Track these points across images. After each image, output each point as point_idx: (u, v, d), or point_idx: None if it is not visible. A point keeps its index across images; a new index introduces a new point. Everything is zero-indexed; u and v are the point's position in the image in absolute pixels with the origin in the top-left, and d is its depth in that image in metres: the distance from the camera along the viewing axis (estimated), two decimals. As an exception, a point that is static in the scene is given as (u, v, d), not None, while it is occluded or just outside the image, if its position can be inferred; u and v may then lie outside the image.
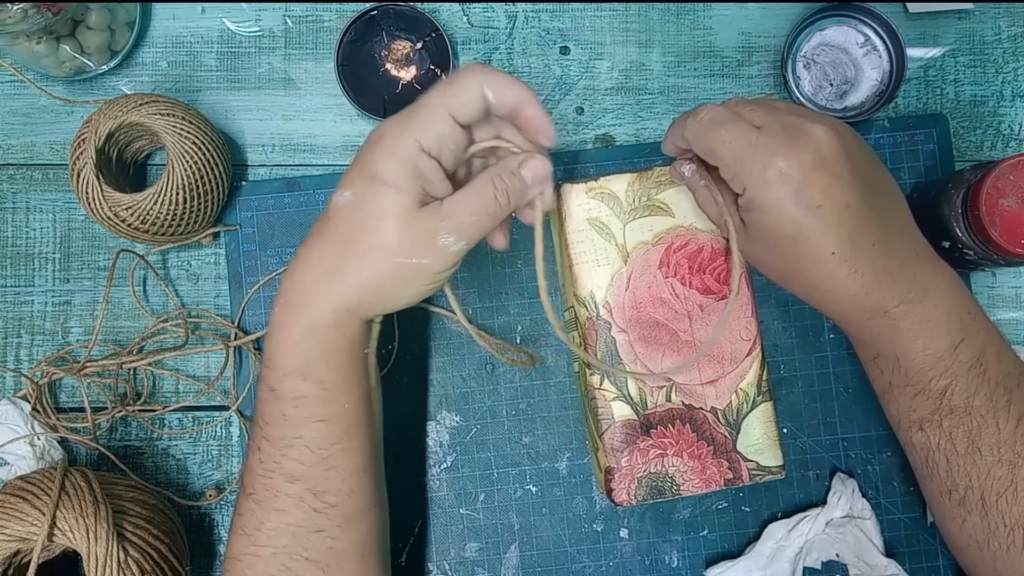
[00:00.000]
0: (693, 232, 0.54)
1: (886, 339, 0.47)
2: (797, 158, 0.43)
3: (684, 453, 0.54)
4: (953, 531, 0.50)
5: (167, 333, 0.63)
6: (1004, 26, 0.64)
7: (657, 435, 0.53)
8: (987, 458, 0.46)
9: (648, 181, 0.54)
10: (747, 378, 0.54)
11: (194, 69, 0.64)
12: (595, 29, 0.64)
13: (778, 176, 0.44)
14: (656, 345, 0.54)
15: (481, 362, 0.62)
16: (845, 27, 0.62)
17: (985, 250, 0.54)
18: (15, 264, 0.63)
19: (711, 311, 0.54)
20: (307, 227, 0.62)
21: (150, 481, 0.61)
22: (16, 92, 0.64)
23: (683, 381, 0.54)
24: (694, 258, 0.54)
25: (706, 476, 0.54)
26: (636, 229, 0.54)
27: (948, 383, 0.46)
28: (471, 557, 0.60)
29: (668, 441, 0.53)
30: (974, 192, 0.53)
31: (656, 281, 0.54)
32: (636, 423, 0.54)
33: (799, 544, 0.58)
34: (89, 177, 0.54)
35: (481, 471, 0.61)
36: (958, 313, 0.47)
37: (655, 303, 0.54)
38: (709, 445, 0.53)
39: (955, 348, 0.46)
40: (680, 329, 0.54)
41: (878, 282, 0.45)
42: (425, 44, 0.62)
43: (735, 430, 0.53)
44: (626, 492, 0.54)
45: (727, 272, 0.54)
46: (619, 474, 0.54)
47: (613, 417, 0.54)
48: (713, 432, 0.53)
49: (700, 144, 0.47)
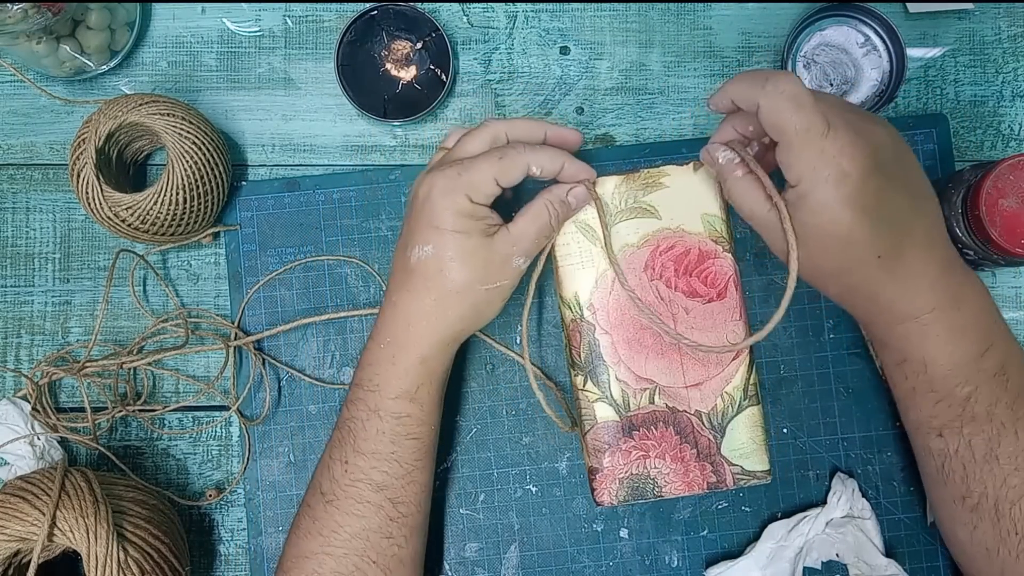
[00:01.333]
0: (680, 234, 0.54)
1: (915, 344, 0.47)
2: (860, 160, 0.43)
3: (667, 455, 0.54)
4: (963, 537, 0.50)
5: (167, 333, 0.63)
6: (1004, 26, 0.64)
7: (640, 437, 0.54)
8: (1004, 466, 0.47)
9: (635, 183, 0.54)
10: (733, 382, 0.53)
11: (194, 69, 0.64)
12: (595, 29, 0.64)
13: (838, 176, 0.43)
14: (640, 347, 0.54)
15: (481, 362, 0.62)
16: (845, 27, 0.62)
17: (985, 250, 0.54)
18: (15, 264, 0.63)
19: (697, 314, 0.54)
20: (307, 227, 0.62)
21: (150, 481, 0.61)
22: (16, 92, 0.64)
23: (667, 384, 0.53)
24: (680, 261, 0.54)
25: (688, 479, 0.54)
26: (622, 231, 0.54)
27: (971, 390, 0.47)
28: (471, 557, 0.60)
29: (651, 443, 0.53)
30: (974, 192, 0.53)
31: (641, 284, 0.54)
32: (619, 425, 0.54)
33: (799, 544, 0.58)
34: (89, 177, 0.54)
35: (481, 471, 0.61)
36: (986, 322, 0.47)
37: (644, 299, 0.54)
38: (693, 448, 0.53)
39: (981, 356, 0.47)
40: (668, 323, 0.54)
41: (916, 288, 0.46)
42: (425, 44, 0.62)
43: (720, 434, 0.53)
44: (607, 493, 0.54)
45: (716, 275, 0.54)
46: (600, 475, 0.54)
47: (596, 418, 0.54)
48: (697, 435, 0.53)
49: (772, 118, 0.44)
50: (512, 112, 0.64)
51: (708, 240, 0.54)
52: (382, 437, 0.51)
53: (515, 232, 0.51)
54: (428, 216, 0.49)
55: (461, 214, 0.49)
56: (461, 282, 0.50)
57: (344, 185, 0.63)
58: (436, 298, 0.50)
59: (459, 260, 0.49)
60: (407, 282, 0.51)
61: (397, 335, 0.51)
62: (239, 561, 0.61)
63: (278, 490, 0.61)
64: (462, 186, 0.49)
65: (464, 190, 0.49)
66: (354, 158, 0.64)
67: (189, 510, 0.62)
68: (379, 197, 0.63)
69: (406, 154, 0.64)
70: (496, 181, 0.49)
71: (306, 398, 0.62)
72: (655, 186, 0.54)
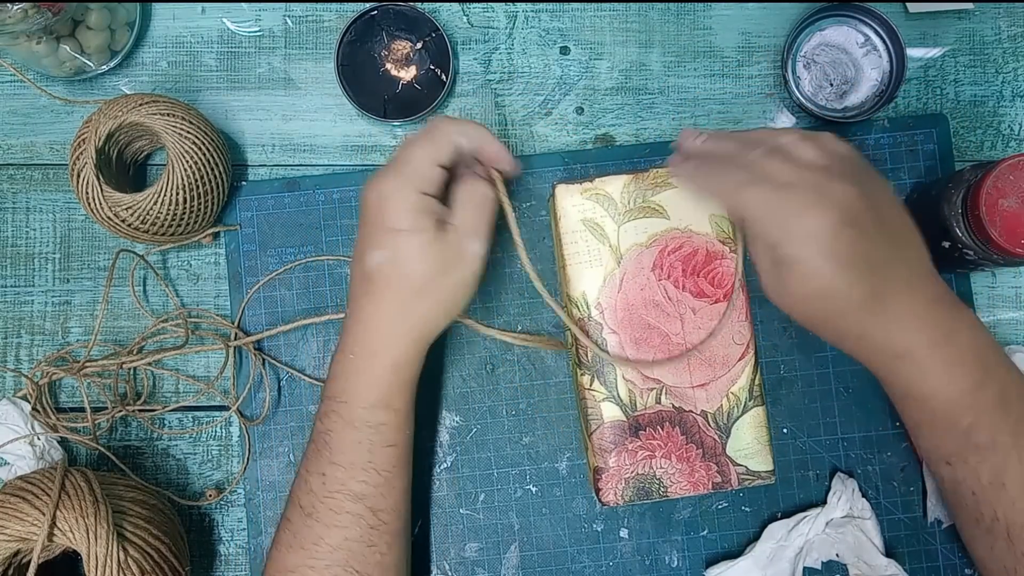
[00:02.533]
0: (688, 235, 0.54)
1: (913, 380, 0.48)
2: (827, 217, 0.44)
3: (673, 455, 0.54)
4: (982, 555, 0.50)
5: (167, 333, 0.63)
6: (1004, 26, 0.64)
7: (646, 437, 0.54)
8: (1011, 491, 0.47)
9: (644, 182, 0.54)
10: (739, 382, 0.54)
11: (194, 69, 0.64)
12: (595, 29, 0.64)
13: (807, 234, 0.44)
14: (647, 347, 0.54)
15: (481, 362, 0.62)
16: (845, 27, 0.62)
17: (985, 250, 0.54)
18: (15, 264, 0.63)
19: (704, 315, 0.54)
20: (307, 227, 0.62)
21: (150, 481, 0.61)
22: (16, 92, 0.64)
23: (673, 384, 0.54)
24: (688, 261, 0.54)
25: (694, 479, 0.54)
26: (630, 231, 0.54)
27: (972, 420, 0.47)
28: (471, 557, 0.60)
29: (657, 443, 0.53)
30: (974, 192, 0.53)
31: (649, 283, 0.54)
32: (625, 424, 0.54)
33: (799, 544, 0.58)
34: (89, 177, 0.54)
35: (481, 471, 0.61)
36: (981, 352, 0.48)
37: (647, 305, 0.54)
38: (698, 448, 0.54)
39: (979, 387, 0.47)
40: (672, 332, 0.54)
41: (904, 327, 0.46)
42: (425, 44, 0.62)
43: (725, 434, 0.53)
44: (613, 492, 0.54)
45: (723, 275, 0.54)
46: (607, 474, 0.54)
47: (602, 418, 0.54)
48: (703, 435, 0.54)
49: (724, 204, 0.48)
50: (512, 112, 0.64)
51: (716, 241, 0.54)
52: (359, 447, 0.51)
53: (458, 220, 0.50)
54: (382, 219, 0.49)
55: (414, 210, 0.49)
56: (422, 280, 0.49)
57: (344, 185, 0.63)
58: (400, 300, 0.50)
59: (417, 258, 0.49)
60: (368, 289, 0.50)
61: (365, 343, 0.51)
62: (239, 561, 0.61)
63: (278, 490, 0.61)
64: (408, 179, 0.49)
65: (412, 184, 0.49)
66: (354, 158, 0.64)
67: (189, 510, 0.61)
68: (379, 197, 0.63)
69: (406, 154, 0.64)
70: (434, 161, 0.50)
71: (306, 398, 0.62)
72: (664, 186, 0.54)
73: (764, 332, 0.61)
